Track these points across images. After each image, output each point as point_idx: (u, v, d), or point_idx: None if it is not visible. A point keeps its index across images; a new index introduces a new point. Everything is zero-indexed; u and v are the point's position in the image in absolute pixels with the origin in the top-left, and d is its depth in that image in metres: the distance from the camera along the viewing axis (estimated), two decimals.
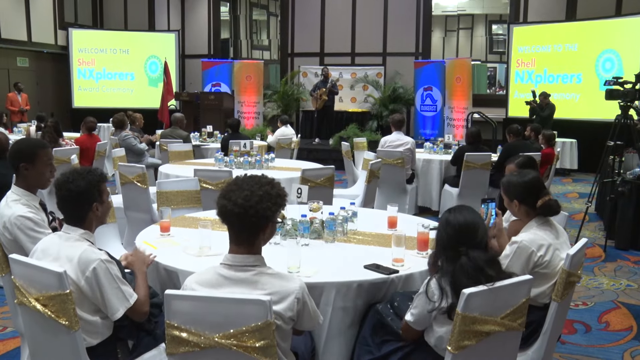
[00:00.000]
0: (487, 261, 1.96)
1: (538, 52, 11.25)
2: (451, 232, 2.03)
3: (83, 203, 2.14)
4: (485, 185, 6.02)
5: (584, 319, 3.76)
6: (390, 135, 6.50)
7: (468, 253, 1.97)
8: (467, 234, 2.01)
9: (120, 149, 6.11)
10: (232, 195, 1.83)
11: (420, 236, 2.67)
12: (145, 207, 4.48)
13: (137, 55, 13.79)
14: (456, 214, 2.06)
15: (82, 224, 2.15)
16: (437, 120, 11.86)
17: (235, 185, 1.87)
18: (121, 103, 13.12)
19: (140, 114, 8.44)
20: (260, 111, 12.81)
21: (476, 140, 6.15)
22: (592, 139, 9.72)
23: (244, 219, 1.82)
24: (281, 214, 2.93)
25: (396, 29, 13.01)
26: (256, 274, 1.84)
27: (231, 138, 6.73)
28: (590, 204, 5.60)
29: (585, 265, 4.79)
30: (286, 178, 4.81)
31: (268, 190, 1.87)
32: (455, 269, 1.97)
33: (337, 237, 2.90)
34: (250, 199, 1.82)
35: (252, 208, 1.81)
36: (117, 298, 2.05)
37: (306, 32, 13.63)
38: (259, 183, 1.88)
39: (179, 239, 2.89)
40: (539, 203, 2.52)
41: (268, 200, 1.85)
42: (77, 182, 2.11)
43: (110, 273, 2.04)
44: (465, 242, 2.00)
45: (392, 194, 6.27)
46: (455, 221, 2.04)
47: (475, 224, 2.03)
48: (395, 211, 3.19)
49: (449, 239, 2.04)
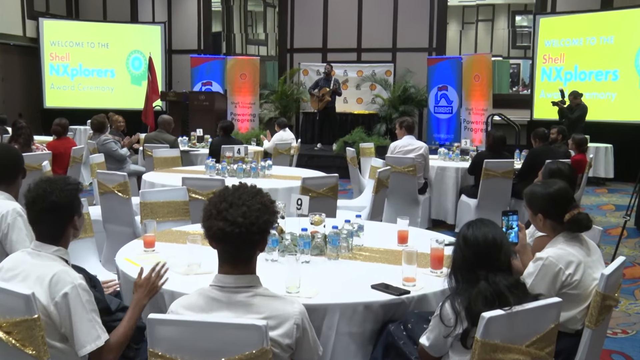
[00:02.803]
0: (509, 286, 1.97)
1: (568, 46, 11.29)
2: (468, 251, 2.03)
3: (63, 216, 2.13)
4: (507, 196, 6.03)
5: (625, 349, 3.71)
6: (401, 139, 6.52)
7: (488, 277, 1.98)
8: (487, 254, 2.01)
9: (99, 155, 6.14)
10: (228, 215, 1.83)
11: (434, 253, 2.67)
12: (127, 220, 4.49)
13: (117, 50, 13.86)
14: (475, 230, 2.05)
15: (57, 241, 2.14)
16: (452, 124, 11.89)
17: (225, 203, 1.86)
18: (100, 103, 13.18)
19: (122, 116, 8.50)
20: (256, 113, 12.86)
21: (498, 145, 6.17)
22: (630, 143, 9.73)
23: (245, 238, 1.83)
24: (278, 227, 2.97)
25: (407, 22, 13.08)
26: (251, 295, 1.85)
27: (223, 142, 6.76)
28: (629, 217, 5.58)
29: (624, 287, 4.76)
30: (285, 187, 4.82)
31: (261, 200, 1.89)
32: (472, 293, 1.97)
33: (341, 254, 2.91)
34: (249, 215, 1.83)
35: (254, 225, 1.83)
36: (87, 333, 2.00)
37: (307, 25, 13.71)
38: (250, 194, 1.90)
39: (164, 255, 2.90)
40: (567, 217, 2.52)
41: (266, 213, 1.87)
42: (57, 193, 2.10)
43: (82, 301, 2.00)
44: (485, 264, 2.00)
45: (403, 205, 6.28)
46: (474, 238, 2.03)
47: (498, 242, 2.02)
48: (406, 225, 3.20)
49: (465, 261, 2.03)
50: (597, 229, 2.91)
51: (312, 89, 11.22)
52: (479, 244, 2.02)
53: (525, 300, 1.98)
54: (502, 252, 2.01)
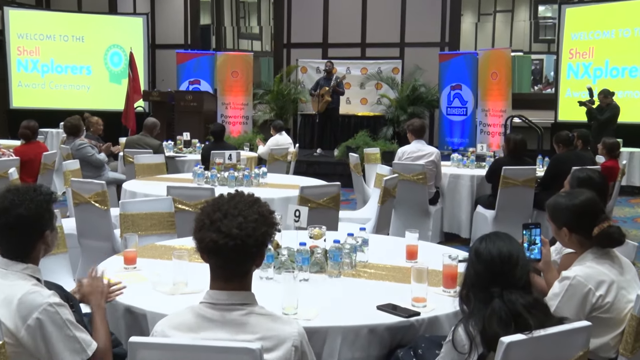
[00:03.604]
0: (527, 305, 1.98)
1: (598, 38, 11.31)
2: (481, 267, 2.05)
3: (32, 231, 2.13)
4: (529, 208, 6.03)
5: None
6: (409, 145, 6.55)
7: (502, 295, 1.99)
8: (501, 270, 2.03)
9: (74, 161, 6.16)
10: (223, 226, 1.84)
11: (446, 270, 2.69)
12: (105, 234, 4.49)
13: (94, 44, 13.91)
14: (488, 244, 2.08)
15: (26, 258, 2.14)
16: (467, 127, 11.92)
17: (219, 212, 1.88)
18: (74, 104, 13.22)
19: (100, 118, 8.52)
20: (250, 115, 12.89)
21: (518, 150, 6.17)
22: None
23: (242, 252, 1.85)
24: (274, 242, 2.98)
25: (417, 14, 13.14)
26: (246, 314, 1.87)
27: (213, 148, 6.77)
28: None
29: None
30: (281, 197, 4.84)
31: (259, 210, 1.91)
32: (486, 313, 1.99)
33: (343, 271, 2.92)
34: (246, 227, 1.85)
35: (251, 237, 1.85)
36: (72, 350, 2.02)
37: (306, 17, 13.78)
38: (246, 203, 1.91)
39: (147, 272, 2.91)
40: (595, 231, 2.53)
41: (264, 224, 1.89)
42: (26, 205, 2.10)
43: (62, 319, 2.01)
44: (500, 281, 2.02)
45: (412, 217, 6.29)
46: (487, 253, 2.06)
47: (513, 256, 2.04)
48: (416, 239, 3.21)
49: (478, 277, 2.06)
50: (632, 244, 2.92)
51: (313, 89, 11.22)
52: (493, 259, 2.04)
53: (547, 322, 1.98)
54: (518, 268, 2.03)
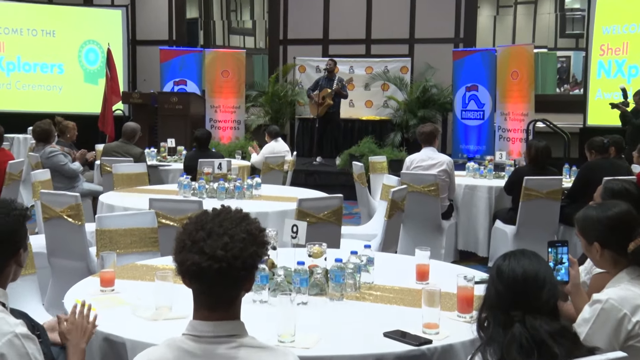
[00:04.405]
0: (552, 332, 1.98)
1: (633, 32, 11.29)
2: (503, 287, 2.06)
3: (5, 249, 2.15)
4: (554, 222, 6.05)
5: None
6: (419, 152, 6.56)
7: (525, 320, 1.99)
8: (525, 292, 2.03)
9: (44, 171, 6.16)
10: (206, 246, 1.83)
11: (461, 292, 2.69)
12: (79, 252, 4.49)
13: (67, 40, 13.92)
14: (512, 262, 2.09)
15: None
16: (484, 132, 11.94)
17: (202, 231, 1.86)
18: (45, 106, 13.20)
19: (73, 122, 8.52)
20: (242, 119, 12.92)
21: (542, 158, 6.18)
22: None
23: (228, 276, 1.84)
24: (269, 260, 2.98)
25: (428, 6, 13.19)
26: (235, 347, 1.86)
27: (197, 156, 6.79)
28: None
29: None
30: (277, 211, 4.85)
31: (247, 228, 1.90)
32: (506, 340, 1.99)
33: (346, 293, 2.92)
34: (232, 247, 1.83)
35: (238, 259, 1.83)
36: None
37: (305, 10, 13.82)
38: (233, 221, 1.90)
39: (127, 296, 2.91)
40: (631, 247, 2.53)
41: (252, 244, 1.88)
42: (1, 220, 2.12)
43: (28, 353, 2.01)
44: (523, 304, 2.02)
45: (423, 233, 6.29)
46: (511, 272, 2.06)
47: (539, 277, 2.05)
48: (427, 257, 3.22)
49: (499, 298, 2.06)
50: None
51: (312, 90, 11.25)
52: (517, 279, 2.05)
53: (576, 352, 1.98)
54: (544, 290, 2.03)
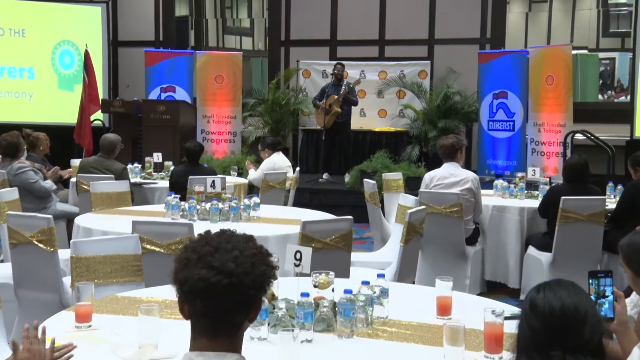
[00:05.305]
0: None
1: None
2: (538, 323, 2.05)
3: None
4: (597, 250, 6.02)
5: None
6: (439, 168, 6.57)
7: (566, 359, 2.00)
8: (564, 328, 2.03)
9: (11, 189, 6.16)
10: (214, 260, 1.85)
11: (489, 329, 2.68)
12: (51, 283, 4.46)
13: (39, 40, 13.88)
14: (548, 294, 2.08)
15: None
16: (515, 145, 11.91)
17: (209, 246, 1.90)
18: (12, 116, 13.21)
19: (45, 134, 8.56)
20: (238, 131, 12.90)
21: (581, 176, 6.18)
22: None
23: (238, 294, 1.85)
24: (269, 292, 2.99)
25: (450, 2, 13.19)
26: None
27: (186, 172, 6.80)
28: None
29: None
30: (278, 235, 4.84)
31: (256, 245, 1.94)
32: None
33: (356, 329, 2.91)
34: (243, 262, 1.87)
35: (249, 275, 1.86)
36: None
37: (309, 7, 13.86)
38: (240, 238, 1.94)
39: (106, 332, 2.90)
40: None
41: (262, 262, 1.91)
42: None
43: None
44: (562, 342, 2.02)
45: (444, 260, 6.29)
46: (546, 305, 2.05)
47: (580, 311, 2.04)
48: (449, 289, 3.21)
49: (534, 336, 2.05)
50: None
51: (318, 99, 11.20)
52: (553, 314, 2.04)
53: None
54: (587, 326, 2.03)
